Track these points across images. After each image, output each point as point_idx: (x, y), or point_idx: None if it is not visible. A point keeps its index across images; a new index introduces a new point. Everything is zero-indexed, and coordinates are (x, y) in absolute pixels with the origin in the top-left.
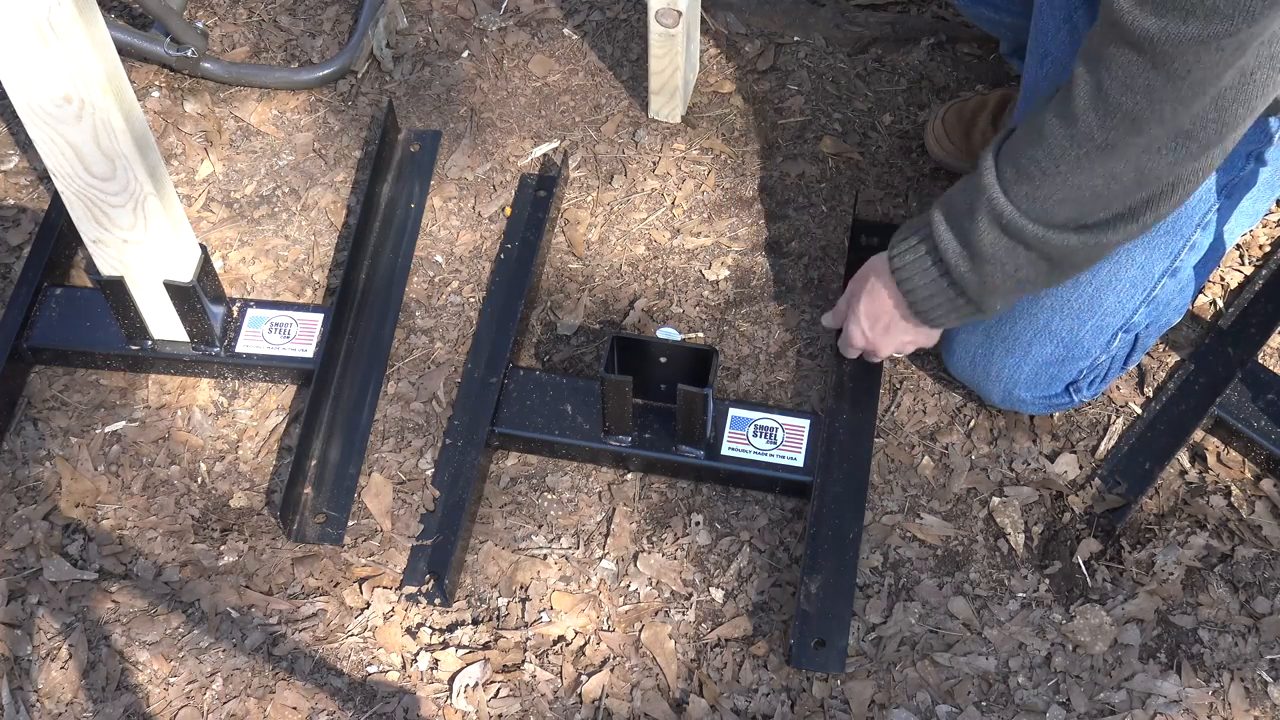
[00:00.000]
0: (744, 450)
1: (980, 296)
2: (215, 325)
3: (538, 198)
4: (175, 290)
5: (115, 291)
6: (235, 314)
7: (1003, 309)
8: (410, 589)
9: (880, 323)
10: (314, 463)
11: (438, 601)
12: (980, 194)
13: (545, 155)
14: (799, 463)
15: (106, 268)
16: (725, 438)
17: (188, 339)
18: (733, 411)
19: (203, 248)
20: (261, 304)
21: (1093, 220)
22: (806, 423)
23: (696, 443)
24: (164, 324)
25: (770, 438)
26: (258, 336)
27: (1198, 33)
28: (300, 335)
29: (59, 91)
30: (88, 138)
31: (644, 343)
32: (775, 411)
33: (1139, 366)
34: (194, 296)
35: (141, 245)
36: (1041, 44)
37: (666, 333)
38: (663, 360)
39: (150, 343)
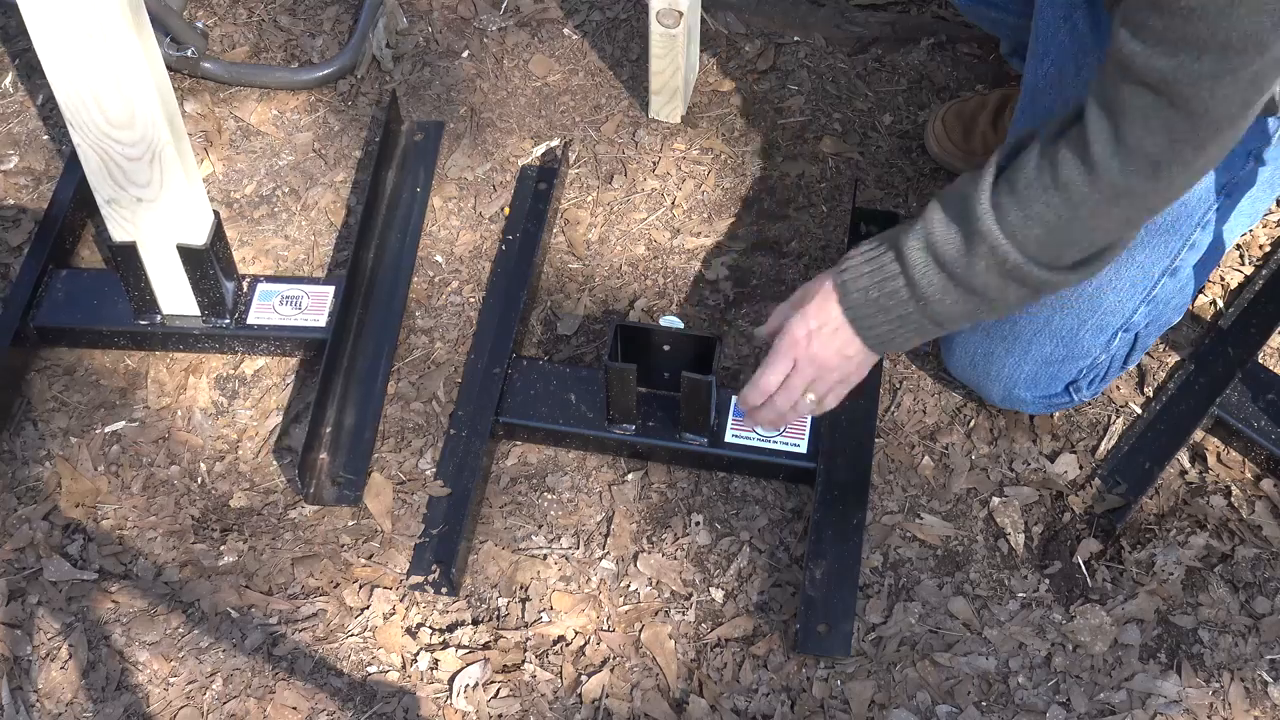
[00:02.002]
0: (747, 437)
1: (950, 323)
2: (227, 296)
3: (538, 190)
4: (188, 254)
5: (126, 258)
6: (245, 289)
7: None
8: (416, 578)
9: (827, 328)
10: (329, 429)
11: (444, 591)
12: (980, 239)
13: (546, 149)
14: (802, 449)
15: (119, 232)
16: (729, 425)
17: (198, 312)
18: (735, 400)
19: (216, 214)
20: (271, 279)
21: (1091, 255)
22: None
23: (700, 430)
24: (174, 297)
25: None
26: (269, 309)
27: (1213, 69)
28: (312, 307)
29: (82, 25)
30: (108, 78)
31: (647, 331)
32: None
33: (1139, 366)
34: (207, 261)
35: (156, 204)
36: (1042, 44)
37: (670, 321)
38: (666, 348)
39: (159, 317)
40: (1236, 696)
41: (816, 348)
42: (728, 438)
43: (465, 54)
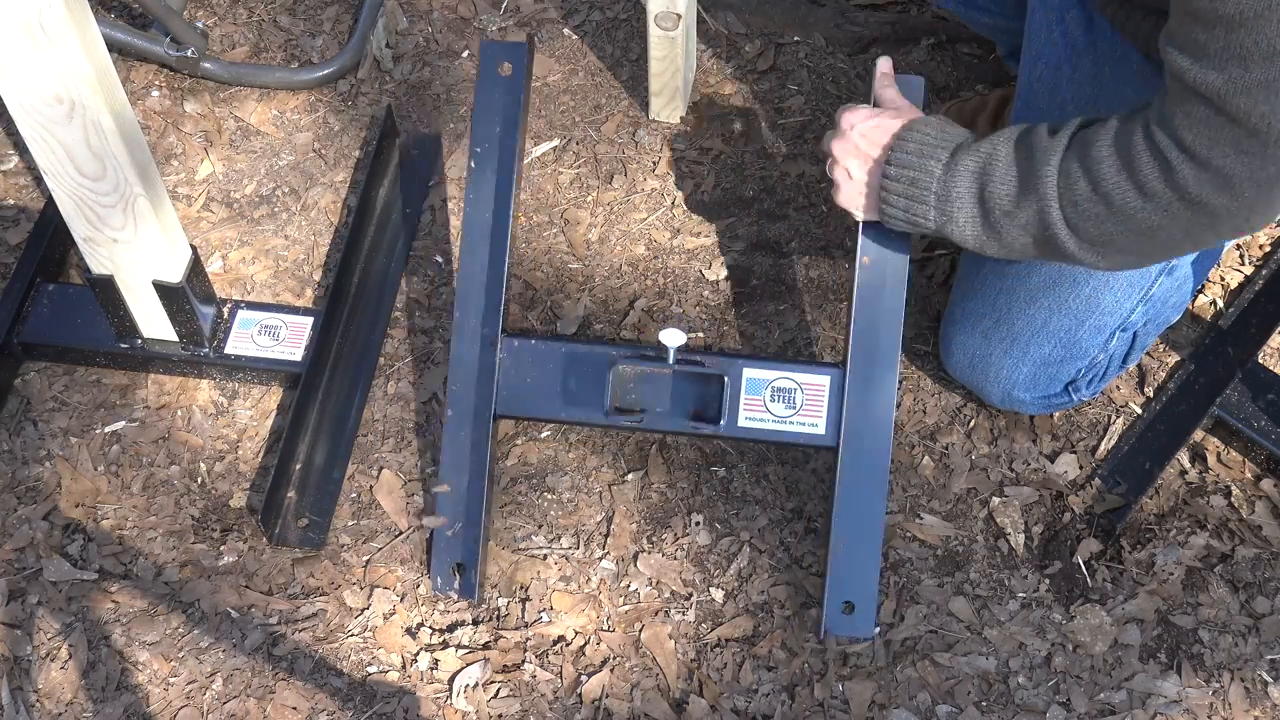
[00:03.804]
0: (761, 419)
1: (951, 239)
2: (204, 326)
3: (503, 77)
4: (164, 291)
5: (105, 290)
6: (225, 315)
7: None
8: (430, 580)
9: (860, 151)
10: (298, 466)
11: (468, 596)
12: (1034, 198)
13: (546, 149)
14: (820, 430)
15: (97, 266)
16: (741, 406)
17: (177, 339)
18: (747, 373)
19: (193, 249)
20: (252, 305)
21: (1135, 251)
22: (827, 380)
23: (710, 422)
24: (154, 323)
25: (789, 401)
26: (247, 338)
27: (1262, 77)
28: (289, 338)
29: (50, 91)
30: (78, 138)
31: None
32: (793, 366)
33: (1139, 366)
34: (183, 297)
35: (131, 245)
36: (1034, 48)
37: (671, 335)
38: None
39: (140, 341)
40: (1236, 696)
41: (845, 165)
42: (741, 422)
43: (465, 54)
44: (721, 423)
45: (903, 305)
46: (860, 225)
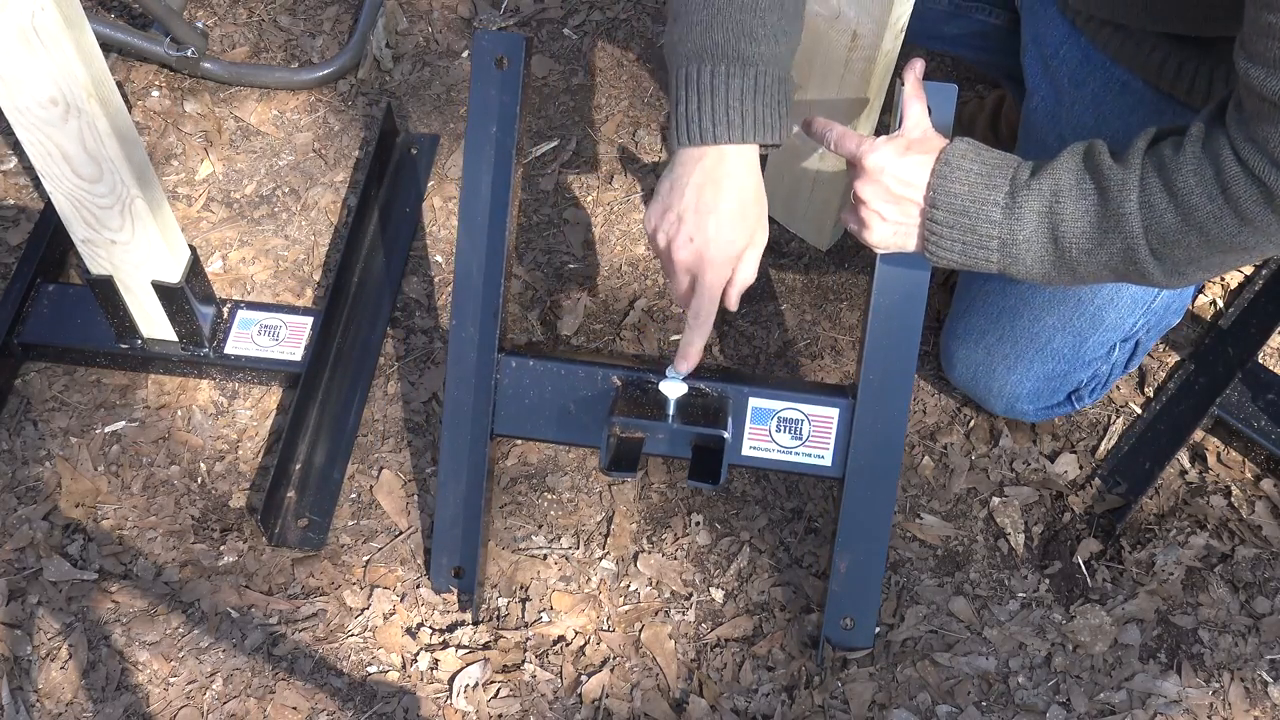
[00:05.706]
0: (766, 449)
1: (1015, 277)
2: (204, 326)
3: (499, 72)
4: (163, 291)
5: (104, 290)
6: (225, 315)
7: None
8: (429, 585)
9: (893, 194)
10: (298, 466)
11: (464, 599)
12: (1117, 235)
13: (546, 149)
14: (826, 461)
15: (95, 267)
16: (745, 435)
17: (176, 339)
18: (753, 403)
19: (192, 249)
20: (251, 305)
21: (1215, 270)
22: (835, 412)
23: (710, 479)
24: (154, 323)
25: (795, 432)
26: (247, 338)
27: None
28: (289, 338)
29: (44, 94)
30: (74, 140)
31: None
32: (801, 398)
33: (1139, 366)
34: (182, 298)
35: (129, 246)
36: (1031, 80)
37: (672, 378)
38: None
39: (140, 341)
40: (1236, 696)
41: (877, 209)
42: (745, 451)
43: (465, 54)
44: (720, 480)
45: (917, 339)
46: (879, 255)
